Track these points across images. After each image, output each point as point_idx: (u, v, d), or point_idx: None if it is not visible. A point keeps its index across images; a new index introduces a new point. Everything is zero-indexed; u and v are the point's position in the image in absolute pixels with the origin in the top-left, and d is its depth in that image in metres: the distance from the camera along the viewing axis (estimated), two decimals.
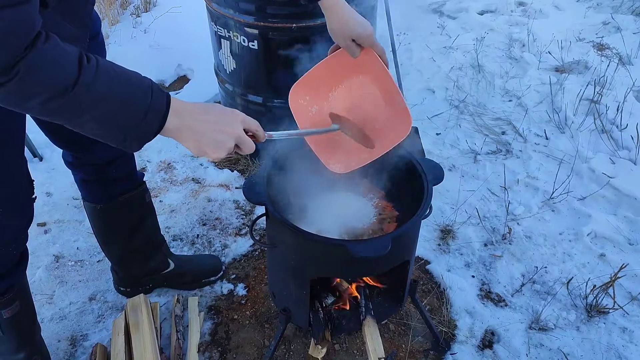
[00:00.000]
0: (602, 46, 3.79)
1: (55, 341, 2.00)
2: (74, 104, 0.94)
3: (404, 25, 3.99)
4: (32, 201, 1.49)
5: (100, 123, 0.99)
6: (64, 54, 0.93)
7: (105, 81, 0.97)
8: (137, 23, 4.01)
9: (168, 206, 2.58)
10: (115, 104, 0.98)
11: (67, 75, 0.92)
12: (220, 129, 1.10)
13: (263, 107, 2.54)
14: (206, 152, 1.11)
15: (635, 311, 2.08)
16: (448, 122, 3.10)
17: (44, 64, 0.90)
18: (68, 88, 0.92)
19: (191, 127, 1.08)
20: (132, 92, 1.01)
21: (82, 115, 0.97)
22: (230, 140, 1.12)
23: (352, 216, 1.71)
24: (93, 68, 0.95)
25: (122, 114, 1.00)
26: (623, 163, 2.72)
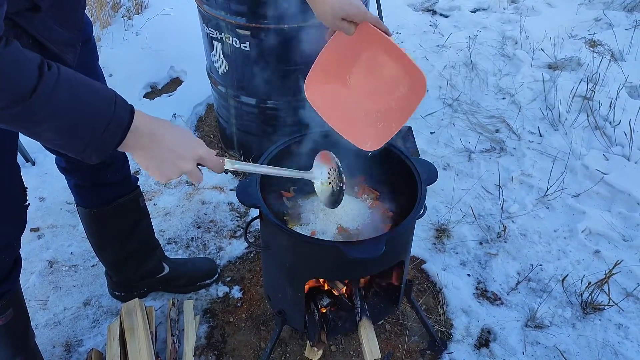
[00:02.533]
0: (594, 43, 3.80)
1: (50, 347, 1.99)
2: (31, 112, 0.91)
3: (396, 23, 3.99)
4: (25, 208, 1.48)
5: (59, 133, 0.96)
6: (24, 59, 0.90)
7: (66, 90, 0.94)
8: (128, 25, 3.99)
9: (162, 209, 2.57)
10: (76, 114, 0.96)
11: (26, 81, 0.89)
12: (171, 159, 1.09)
13: (256, 109, 2.53)
14: (152, 174, 1.11)
15: (630, 307, 2.08)
16: (442, 120, 3.10)
17: (2, 68, 0.87)
18: (26, 95, 0.89)
19: (145, 148, 1.06)
20: (95, 103, 0.98)
21: (39, 125, 0.94)
22: (176, 173, 1.11)
23: (347, 217, 1.70)
24: (54, 76, 0.92)
25: (83, 124, 0.97)
26: (616, 159, 2.72)
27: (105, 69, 3.51)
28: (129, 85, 3.39)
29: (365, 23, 1.37)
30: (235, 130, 2.74)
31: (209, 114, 3.25)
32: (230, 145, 2.86)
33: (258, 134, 2.65)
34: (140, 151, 1.07)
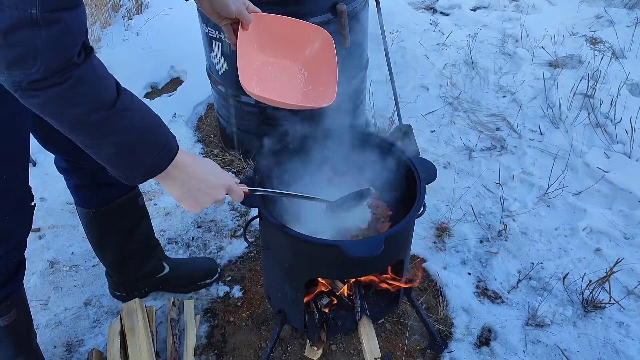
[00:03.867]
0: (595, 40, 3.79)
1: (51, 347, 1.99)
2: (108, 121, 1.00)
3: (396, 22, 3.98)
4: (32, 208, 1.50)
5: (119, 148, 1.05)
6: (107, 74, 1.01)
7: (137, 110, 1.05)
8: (129, 26, 4.00)
9: (163, 209, 2.57)
10: (138, 135, 1.05)
11: (109, 94, 0.99)
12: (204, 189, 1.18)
13: (256, 108, 2.53)
14: (185, 204, 1.20)
15: (631, 305, 2.08)
16: (442, 119, 3.10)
17: (94, 77, 0.97)
18: (106, 106, 0.99)
19: (182, 180, 1.15)
20: (156, 128, 1.08)
21: (107, 136, 1.02)
22: (207, 202, 1.20)
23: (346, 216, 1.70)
24: (129, 95, 1.04)
25: (142, 145, 1.06)
26: (617, 157, 2.72)
27: None
28: (130, 85, 3.33)
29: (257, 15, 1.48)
30: (235, 130, 2.74)
31: (209, 113, 3.26)
32: (230, 144, 2.86)
33: (258, 134, 2.65)
34: (176, 181, 1.15)
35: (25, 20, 0.86)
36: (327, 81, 1.55)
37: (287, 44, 1.58)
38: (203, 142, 3.01)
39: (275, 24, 1.56)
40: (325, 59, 1.57)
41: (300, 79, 1.59)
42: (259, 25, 1.51)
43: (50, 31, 0.88)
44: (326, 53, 1.57)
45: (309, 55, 1.59)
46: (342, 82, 2.53)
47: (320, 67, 1.58)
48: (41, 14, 0.86)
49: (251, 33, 1.50)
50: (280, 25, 1.57)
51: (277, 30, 1.56)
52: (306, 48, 1.59)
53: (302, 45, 1.59)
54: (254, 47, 1.54)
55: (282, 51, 1.60)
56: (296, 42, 1.59)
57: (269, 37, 1.56)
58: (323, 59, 1.57)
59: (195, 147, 2.96)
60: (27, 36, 0.87)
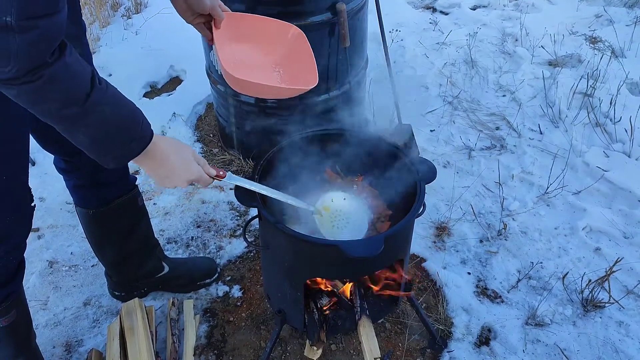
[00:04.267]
0: (594, 39, 3.78)
1: (50, 347, 1.99)
2: (81, 115, 1.04)
3: (395, 21, 3.97)
4: (33, 209, 1.50)
5: (92, 138, 1.09)
6: (82, 70, 1.03)
7: (110, 104, 1.08)
8: (128, 25, 3.99)
9: (162, 209, 2.57)
10: (112, 127, 1.09)
11: (81, 90, 1.02)
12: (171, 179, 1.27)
13: (255, 108, 2.53)
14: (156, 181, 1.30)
15: (631, 305, 2.08)
16: (442, 118, 3.10)
17: (66, 75, 0.99)
18: (79, 102, 1.02)
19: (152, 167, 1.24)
20: (129, 120, 1.13)
21: (81, 128, 1.06)
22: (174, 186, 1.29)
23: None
24: (103, 89, 1.06)
25: (115, 136, 1.11)
26: (617, 156, 2.72)
27: (105, 69, 3.52)
28: (129, 85, 3.39)
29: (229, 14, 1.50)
30: (234, 130, 2.73)
31: (209, 113, 3.25)
32: (229, 144, 2.86)
33: (258, 133, 2.64)
34: (148, 166, 1.24)
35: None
36: (306, 70, 1.55)
37: (259, 41, 1.59)
38: (202, 142, 3.00)
39: (246, 22, 1.57)
40: (299, 53, 1.57)
41: (275, 76, 1.59)
42: (231, 23, 1.52)
43: (25, 37, 0.90)
44: (300, 47, 1.57)
45: (281, 52, 1.60)
46: (341, 82, 2.54)
47: (295, 62, 1.58)
48: (16, 22, 0.88)
49: (224, 31, 1.51)
50: (251, 23, 1.58)
51: (248, 28, 1.57)
52: (278, 45, 1.59)
53: (274, 42, 1.59)
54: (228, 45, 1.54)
55: (255, 49, 1.60)
56: (268, 40, 1.59)
57: (242, 35, 1.57)
58: (297, 53, 1.58)
59: (195, 147, 2.95)
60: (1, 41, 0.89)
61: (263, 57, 1.60)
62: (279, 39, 1.59)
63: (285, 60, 1.60)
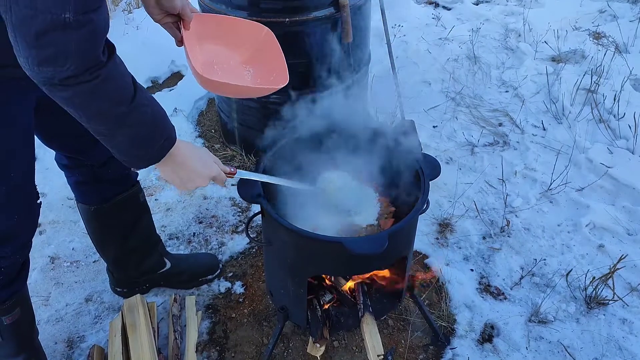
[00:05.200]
0: (598, 35, 3.76)
1: (52, 343, 1.98)
2: (124, 115, 1.06)
3: (398, 16, 3.95)
4: (39, 206, 1.50)
5: (131, 139, 1.12)
6: (126, 70, 1.07)
7: (149, 106, 1.12)
8: (129, 19, 3.97)
9: (164, 205, 2.56)
10: (149, 128, 1.13)
11: (129, 90, 1.06)
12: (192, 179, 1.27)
13: (257, 103, 2.52)
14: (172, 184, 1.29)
15: (635, 302, 2.07)
16: (445, 114, 3.08)
17: (118, 74, 1.04)
18: (127, 101, 1.05)
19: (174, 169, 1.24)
20: (162, 121, 1.16)
21: (123, 128, 1.09)
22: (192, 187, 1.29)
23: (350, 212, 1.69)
24: (142, 89, 1.10)
25: (150, 137, 1.14)
26: (621, 152, 2.70)
27: None
28: None
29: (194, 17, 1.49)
30: (236, 125, 2.72)
31: (210, 108, 3.24)
32: (231, 140, 2.85)
33: (259, 129, 2.62)
34: (169, 168, 1.24)
35: (58, 23, 0.90)
36: (277, 69, 1.55)
37: (229, 42, 1.59)
38: (204, 137, 2.99)
39: (215, 23, 1.57)
40: (269, 52, 1.57)
41: (247, 75, 1.59)
42: (200, 24, 1.52)
43: (81, 33, 0.93)
44: (270, 47, 1.57)
45: (251, 51, 1.59)
46: (344, 77, 2.52)
47: (265, 61, 1.58)
48: (74, 17, 0.90)
49: (193, 32, 1.50)
50: (220, 24, 1.58)
51: (217, 29, 1.57)
52: (248, 45, 1.59)
53: (244, 43, 1.59)
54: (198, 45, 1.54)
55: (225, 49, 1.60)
56: (238, 40, 1.59)
57: (211, 36, 1.56)
58: (267, 52, 1.58)
59: (196, 142, 2.94)
60: (60, 38, 0.91)
61: (233, 57, 1.60)
62: (249, 39, 1.59)
63: (255, 60, 1.60)
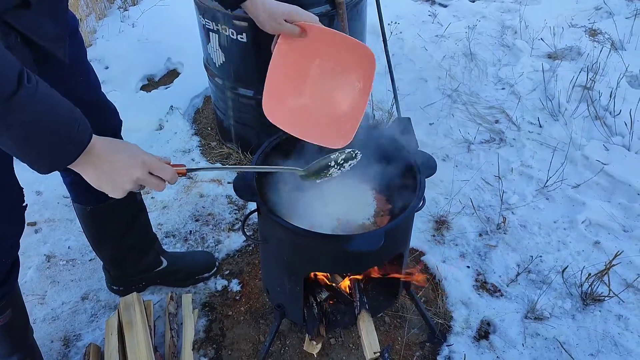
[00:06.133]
0: (594, 31, 3.76)
1: (48, 342, 1.98)
2: (4, 115, 0.92)
3: (394, 13, 3.95)
4: (24, 209, 1.47)
5: (18, 142, 0.97)
6: (6, 63, 0.92)
7: (44, 104, 0.96)
8: (124, 17, 3.96)
9: (160, 203, 2.56)
10: (45, 128, 0.98)
11: (5, 84, 0.90)
12: (119, 170, 1.11)
13: (254, 101, 2.51)
14: (105, 190, 1.14)
15: (630, 298, 2.07)
16: (441, 111, 3.08)
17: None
18: (3, 98, 0.90)
19: (93, 164, 1.09)
20: (63, 122, 1.00)
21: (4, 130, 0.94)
22: (126, 183, 1.13)
23: (346, 210, 1.69)
24: (33, 88, 0.94)
25: (49, 139, 0.99)
26: (617, 149, 2.71)
27: (102, 61, 3.49)
28: (126, 78, 3.36)
29: (308, 25, 1.43)
30: (233, 123, 2.71)
31: (207, 106, 3.23)
32: (228, 137, 2.84)
33: (256, 127, 2.63)
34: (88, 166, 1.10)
35: None
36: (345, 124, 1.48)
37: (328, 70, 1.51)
38: (200, 135, 2.98)
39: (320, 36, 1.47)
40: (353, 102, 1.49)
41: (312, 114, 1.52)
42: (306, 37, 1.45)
43: None
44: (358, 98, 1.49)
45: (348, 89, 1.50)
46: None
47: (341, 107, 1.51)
48: None
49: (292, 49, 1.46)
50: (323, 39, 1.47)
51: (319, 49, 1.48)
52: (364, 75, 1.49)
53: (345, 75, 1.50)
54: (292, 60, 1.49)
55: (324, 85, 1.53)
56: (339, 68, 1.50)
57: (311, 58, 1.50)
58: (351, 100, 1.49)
59: (193, 140, 2.94)
60: None
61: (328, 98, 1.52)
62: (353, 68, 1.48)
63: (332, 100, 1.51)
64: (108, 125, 1.65)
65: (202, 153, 2.86)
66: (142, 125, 2.98)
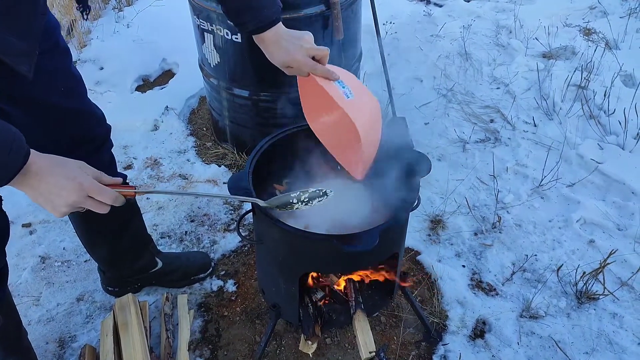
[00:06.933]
0: (588, 31, 3.78)
1: (43, 343, 1.97)
2: None
3: (389, 13, 3.95)
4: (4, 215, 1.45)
5: None
6: None
7: None
8: (119, 17, 3.95)
9: (155, 203, 2.55)
10: None
11: None
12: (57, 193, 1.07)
13: (249, 101, 2.51)
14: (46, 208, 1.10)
15: (625, 297, 2.08)
16: (436, 111, 3.09)
17: None
18: None
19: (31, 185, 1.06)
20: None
21: None
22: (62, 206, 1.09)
23: (341, 210, 1.69)
24: None
25: None
26: (611, 148, 2.72)
27: (96, 62, 3.49)
28: (121, 78, 3.36)
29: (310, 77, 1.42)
30: (228, 123, 2.71)
31: (202, 106, 3.23)
32: (223, 138, 2.84)
33: (251, 127, 2.63)
34: (26, 187, 1.06)
35: None
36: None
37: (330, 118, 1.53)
38: (195, 136, 2.98)
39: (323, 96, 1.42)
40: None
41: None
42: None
43: None
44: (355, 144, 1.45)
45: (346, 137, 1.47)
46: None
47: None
48: None
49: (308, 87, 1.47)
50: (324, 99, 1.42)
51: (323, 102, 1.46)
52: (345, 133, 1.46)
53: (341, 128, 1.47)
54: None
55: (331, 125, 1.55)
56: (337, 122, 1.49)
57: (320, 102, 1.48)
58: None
59: (188, 141, 2.93)
60: None
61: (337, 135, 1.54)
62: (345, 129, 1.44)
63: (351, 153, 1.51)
64: (93, 133, 1.61)
65: (197, 153, 2.85)
66: (137, 125, 2.98)
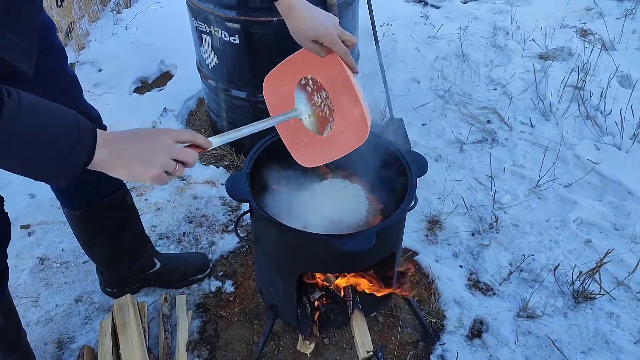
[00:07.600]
0: (585, 32, 3.79)
1: (42, 344, 1.98)
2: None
3: (387, 15, 3.97)
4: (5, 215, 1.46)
5: (23, 161, 0.92)
6: None
7: (29, 117, 0.89)
8: (117, 19, 3.95)
9: (153, 204, 2.56)
10: (41, 142, 0.91)
11: None
12: (149, 149, 1.03)
13: (247, 102, 2.52)
14: (139, 174, 1.03)
15: (621, 296, 2.09)
16: (433, 112, 3.10)
17: None
18: None
19: (119, 154, 1.01)
20: (59, 128, 0.93)
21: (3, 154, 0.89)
22: (161, 156, 1.04)
23: (338, 210, 1.70)
24: (15, 102, 0.87)
25: (48, 151, 0.92)
26: (608, 149, 2.73)
27: (95, 64, 3.49)
28: (119, 80, 3.36)
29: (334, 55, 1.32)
30: (226, 124, 2.72)
31: (200, 108, 3.23)
32: None
33: None
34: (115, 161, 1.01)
35: None
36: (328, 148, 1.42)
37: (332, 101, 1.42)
38: None
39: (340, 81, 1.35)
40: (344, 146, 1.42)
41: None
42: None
43: None
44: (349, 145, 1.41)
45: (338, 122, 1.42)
46: None
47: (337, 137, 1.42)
48: None
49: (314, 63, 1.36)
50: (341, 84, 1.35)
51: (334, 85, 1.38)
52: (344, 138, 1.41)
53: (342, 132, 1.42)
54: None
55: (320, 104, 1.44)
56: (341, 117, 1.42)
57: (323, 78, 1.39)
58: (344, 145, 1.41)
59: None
60: None
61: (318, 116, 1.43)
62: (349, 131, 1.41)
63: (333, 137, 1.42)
64: None
65: None
66: (136, 127, 2.97)
